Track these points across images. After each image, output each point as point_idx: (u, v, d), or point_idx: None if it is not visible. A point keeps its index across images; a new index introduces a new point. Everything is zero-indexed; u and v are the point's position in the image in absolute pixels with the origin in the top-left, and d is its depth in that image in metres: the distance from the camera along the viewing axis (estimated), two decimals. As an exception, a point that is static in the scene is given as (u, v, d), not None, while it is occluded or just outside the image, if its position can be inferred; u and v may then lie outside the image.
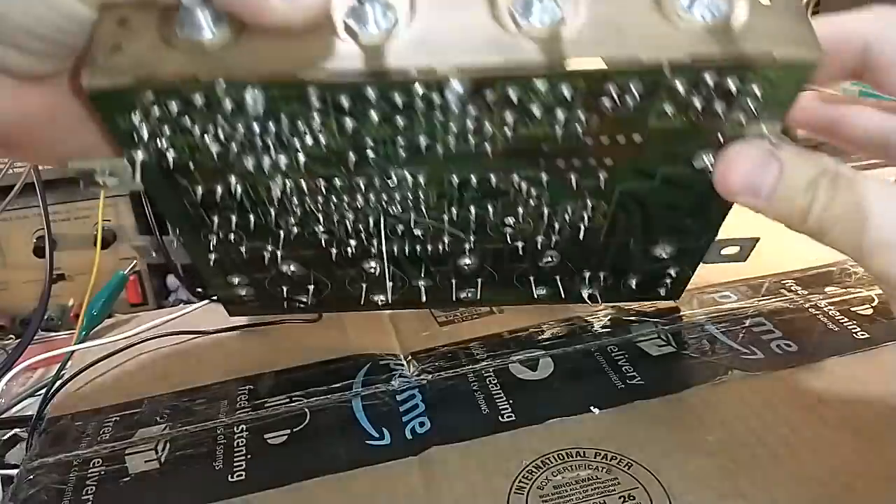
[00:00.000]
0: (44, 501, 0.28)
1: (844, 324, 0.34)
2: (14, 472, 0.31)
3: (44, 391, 0.36)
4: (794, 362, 0.32)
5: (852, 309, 0.35)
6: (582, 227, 0.27)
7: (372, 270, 0.29)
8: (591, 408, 0.30)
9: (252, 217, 0.25)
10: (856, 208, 0.20)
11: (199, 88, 0.19)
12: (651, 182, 0.25)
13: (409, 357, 0.35)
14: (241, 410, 0.32)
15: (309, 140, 0.22)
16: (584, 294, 0.31)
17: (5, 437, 0.35)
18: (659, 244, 0.29)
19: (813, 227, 0.21)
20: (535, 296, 0.31)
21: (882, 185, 0.20)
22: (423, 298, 0.31)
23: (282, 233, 0.26)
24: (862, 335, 0.33)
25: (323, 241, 0.27)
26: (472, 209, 0.26)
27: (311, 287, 0.31)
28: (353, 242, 0.27)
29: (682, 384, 0.31)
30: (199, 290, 0.50)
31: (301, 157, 0.22)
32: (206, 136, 0.21)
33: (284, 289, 0.31)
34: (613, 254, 0.29)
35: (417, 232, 0.27)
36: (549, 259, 0.29)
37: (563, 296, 0.32)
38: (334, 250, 0.28)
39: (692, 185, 0.25)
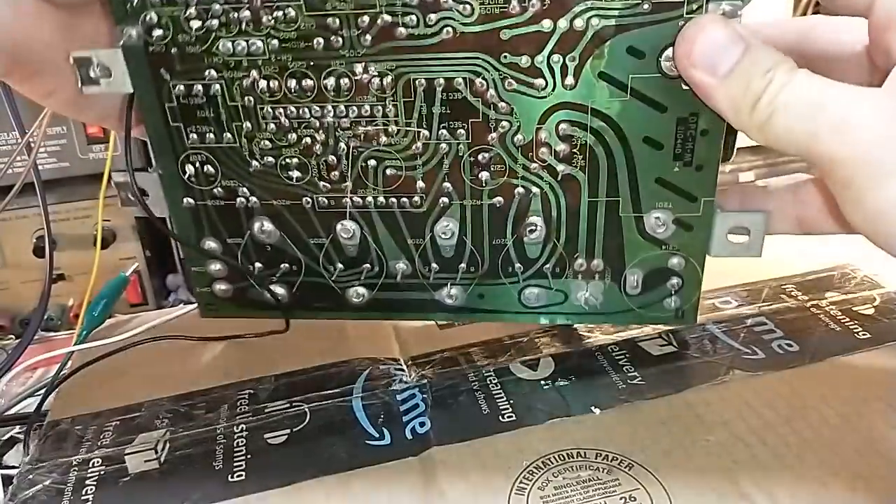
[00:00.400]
0: (43, 502, 0.28)
1: (846, 324, 0.34)
2: (14, 472, 0.31)
3: (43, 391, 0.36)
4: (796, 362, 0.32)
5: (854, 309, 0.35)
6: (560, 171, 0.26)
7: (346, 235, 0.28)
8: (592, 408, 0.30)
9: (227, 136, 0.26)
10: (813, 91, 0.20)
11: None
12: (623, 97, 0.25)
13: (410, 361, 0.35)
14: (240, 415, 0.32)
15: (279, 14, 0.24)
16: (581, 298, 0.29)
17: (5, 438, 0.35)
18: (652, 211, 0.27)
19: (761, 113, 0.21)
20: (525, 300, 0.29)
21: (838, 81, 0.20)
22: (400, 282, 0.29)
23: (255, 163, 0.27)
24: (864, 335, 0.33)
25: (295, 180, 0.27)
26: (444, 134, 0.26)
27: (285, 266, 0.29)
28: (325, 186, 0.27)
29: (683, 384, 0.31)
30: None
31: (274, 42, 0.24)
32: (188, 8, 0.24)
33: (257, 267, 0.30)
34: (604, 229, 0.27)
35: (389, 171, 0.27)
36: (534, 227, 0.27)
37: (553, 293, 0.29)
38: (308, 199, 0.28)
39: (668, 105, 0.25)
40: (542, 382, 0.32)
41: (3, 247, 0.48)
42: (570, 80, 0.25)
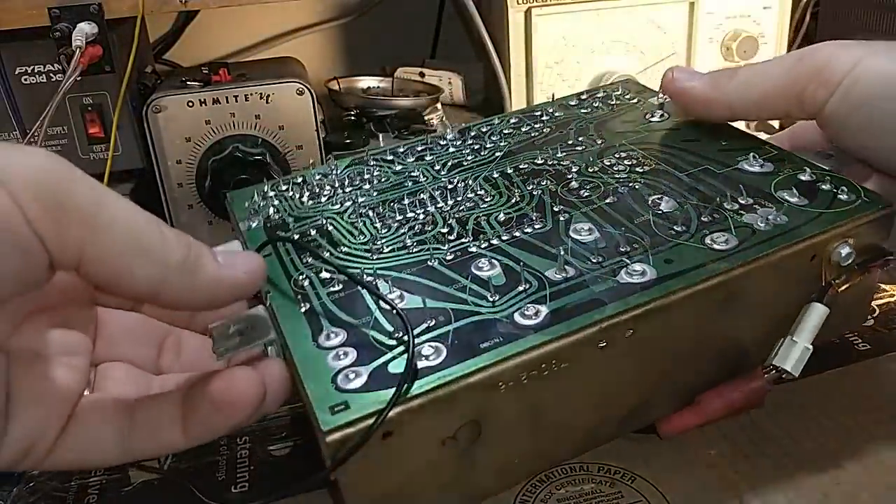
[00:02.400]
0: (45, 511, 0.28)
1: (846, 335, 0.34)
2: (14, 477, 0.31)
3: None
4: (796, 374, 0.32)
5: (854, 319, 0.35)
6: (640, 171, 0.31)
7: (487, 270, 0.26)
8: (594, 419, 0.30)
9: (342, 248, 0.28)
10: None
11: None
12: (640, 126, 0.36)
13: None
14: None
15: (376, 182, 0.32)
16: (764, 222, 0.27)
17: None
18: (741, 161, 0.31)
19: None
20: (714, 245, 0.26)
21: None
22: (571, 282, 0.25)
23: (373, 253, 0.27)
24: (863, 346, 0.33)
25: (416, 252, 0.27)
26: (532, 187, 0.30)
27: (429, 322, 0.24)
28: (446, 248, 0.27)
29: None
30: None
31: (373, 193, 0.31)
32: (301, 194, 0.32)
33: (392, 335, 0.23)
34: (720, 180, 0.30)
35: (501, 217, 0.29)
36: (659, 200, 0.29)
37: (736, 230, 0.27)
38: (434, 260, 0.26)
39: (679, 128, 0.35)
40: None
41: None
42: (598, 140, 0.34)
